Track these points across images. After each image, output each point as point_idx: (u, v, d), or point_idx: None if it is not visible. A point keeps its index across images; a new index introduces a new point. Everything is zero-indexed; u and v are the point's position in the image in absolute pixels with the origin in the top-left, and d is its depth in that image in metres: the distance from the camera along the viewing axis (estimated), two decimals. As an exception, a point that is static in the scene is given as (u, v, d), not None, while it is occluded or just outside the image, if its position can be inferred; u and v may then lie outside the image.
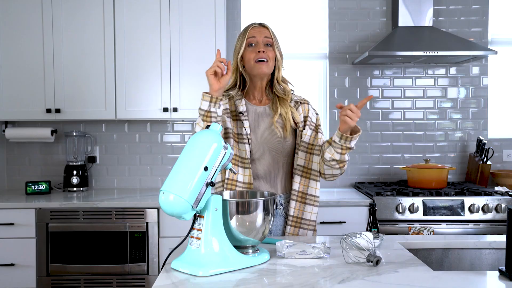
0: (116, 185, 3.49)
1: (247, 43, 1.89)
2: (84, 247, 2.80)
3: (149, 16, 3.10)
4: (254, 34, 1.89)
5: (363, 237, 1.55)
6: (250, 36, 1.89)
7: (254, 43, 1.88)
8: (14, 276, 2.79)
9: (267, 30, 1.90)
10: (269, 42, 1.89)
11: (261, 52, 1.85)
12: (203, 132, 1.47)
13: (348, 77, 3.48)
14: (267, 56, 1.86)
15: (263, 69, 1.86)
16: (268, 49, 1.88)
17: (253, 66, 1.87)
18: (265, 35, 1.89)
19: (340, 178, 3.48)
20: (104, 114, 3.13)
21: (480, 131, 3.49)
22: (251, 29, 1.90)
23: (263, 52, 1.85)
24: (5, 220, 2.79)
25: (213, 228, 1.40)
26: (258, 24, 1.92)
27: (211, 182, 1.40)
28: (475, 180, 3.32)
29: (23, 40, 3.10)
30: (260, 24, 1.93)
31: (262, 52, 1.85)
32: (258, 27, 1.91)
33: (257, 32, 1.89)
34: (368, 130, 3.49)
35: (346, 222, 2.83)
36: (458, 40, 3.11)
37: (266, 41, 1.88)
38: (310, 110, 1.96)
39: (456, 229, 2.81)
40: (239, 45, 1.91)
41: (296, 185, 1.90)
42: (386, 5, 3.45)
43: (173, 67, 3.11)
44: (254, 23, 1.94)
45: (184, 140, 3.49)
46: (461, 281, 1.31)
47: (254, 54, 1.86)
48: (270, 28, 1.93)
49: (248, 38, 1.89)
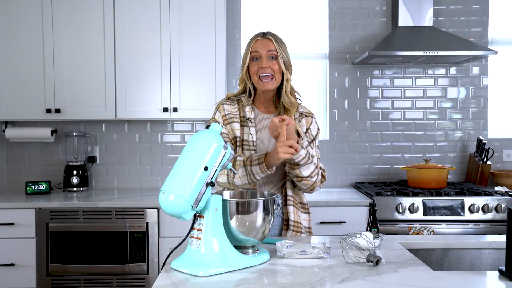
0: (116, 185, 3.49)
1: (251, 57, 1.89)
2: (84, 247, 2.80)
3: (149, 16, 3.10)
4: (257, 48, 1.87)
5: (363, 237, 1.55)
6: (254, 50, 1.88)
7: (257, 57, 1.88)
8: (14, 276, 2.79)
9: (270, 42, 1.88)
10: (273, 55, 1.87)
11: (264, 67, 1.85)
12: (203, 132, 1.47)
13: (348, 77, 3.48)
14: (271, 71, 1.86)
15: (266, 86, 1.87)
16: (273, 62, 1.87)
17: (258, 82, 1.88)
18: (268, 49, 1.87)
19: (340, 178, 3.49)
20: (104, 114, 3.13)
21: (480, 131, 3.49)
22: (255, 43, 1.89)
23: (266, 68, 1.85)
24: (5, 220, 2.79)
25: (213, 228, 1.40)
26: (262, 36, 1.90)
27: (211, 182, 1.40)
28: (475, 180, 3.32)
29: (23, 40, 3.10)
30: (264, 35, 1.90)
31: (265, 67, 1.85)
32: (262, 39, 1.89)
33: (260, 46, 1.87)
34: (368, 130, 3.49)
35: (346, 222, 2.83)
36: (458, 40, 3.11)
37: (270, 55, 1.87)
38: (312, 123, 1.97)
39: (456, 229, 2.81)
40: (245, 58, 1.91)
41: (289, 191, 1.92)
42: (386, 5, 3.45)
43: (173, 67, 3.11)
44: (258, 34, 1.91)
45: (184, 140, 3.49)
46: (461, 281, 1.31)
47: (257, 68, 1.86)
48: (276, 37, 1.90)
49: (252, 52, 1.88)
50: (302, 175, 1.81)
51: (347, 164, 3.49)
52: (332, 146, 3.48)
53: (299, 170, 1.80)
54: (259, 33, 1.92)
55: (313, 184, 1.86)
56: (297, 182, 1.86)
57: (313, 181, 1.85)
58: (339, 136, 3.48)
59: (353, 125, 3.48)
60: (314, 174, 1.84)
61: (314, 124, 1.98)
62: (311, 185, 1.86)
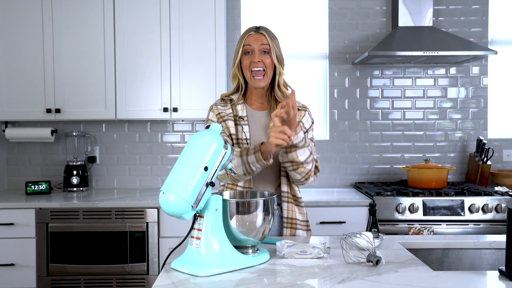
0: (116, 185, 3.49)
1: (243, 51, 1.89)
2: (84, 247, 2.80)
3: (149, 16, 3.10)
4: (250, 42, 1.88)
5: (363, 237, 1.55)
6: (246, 44, 1.88)
7: (250, 51, 1.88)
8: (14, 276, 2.79)
9: (263, 36, 1.88)
10: (265, 50, 1.88)
11: (257, 62, 1.85)
12: (203, 132, 1.47)
13: (348, 77, 3.48)
14: (263, 65, 1.87)
15: (258, 84, 1.88)
16: (265, 56, 1.87)
17: (250, 78, 1.89)
18: (261, 42, 1.87)
19: (340, 178, 3.49)
20: (104, 114, 3.13)
21: (480, 131, 3.49)
22: (247, 37, 1.89)
23: (258, 62, 1.85)
24: (5, 220, 2.79)
25: (213, 228, 1.40)
26: (255, 30, 1.90)
27: (211, 182, 1.40)
28: (475, 180, 3.32)
29: (23, 40, 3.10)
30: (257, 29, 1.90)
31: (258, 62, 1.85)
32: (255, 34, 1.89)
33: (253, 40, 1.88)
34: (368, 130, 3.49)
35: (346, 222, 2.83)
36: (458, 40, 3.11)
37: (262, 49, 1.87)
38: (305, 116, 1.96)
39: (456, 229, 2.81)
40: (237, 52, 1.91)
41: (284, 187, 1.92)
42: (386, 5, 3.45)
43: (173, 67, 3.11)
44: (251, 28, 1.92)
45: (184, 140, 3.49)
46: (461, 281, 1.31)
47: (249, 62, 1.87)
48: (269, 32, 1.91)
49: (244, 45, 1.89)
50: (298, 159, 1.77)
51: (347, 164, 3.49)
52: (332, 146, 3.48)
53: (296, 153, 1.76)
54: (252, 27, 1.92)
55: (308, 173, 1.83)
56: (292, 171, 1.82)
57: (308, 169, 1.82)
58: (339, 136, 3.48)
59: (353, 125, 3.48)
60: (309, 160, 1.81)
61: (308, 117, 1.97)
62: (306, 173, 1.82)
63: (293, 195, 1.95)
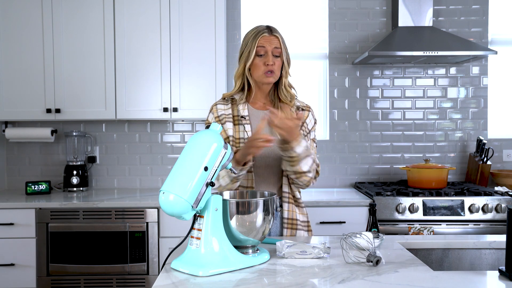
0: (116, 185, 3.49)
1: (257, 52, 1.87)
2: (84, 247, 2.80)
3: (149, 16, 3.10)
4: (264, 43, 1.86)
5: (363, 237, 1.55)
6: (260, 45, 1.86)
7: (263, 53, 1.87)
8: (14, 276, 2.79)
9: (277, 40, 1.87)
10: (277, 53, 1.87)
11: (271, 65, 1.85)
12: (203, 132, 1.47)
13: (348, 77, 3.48)
14: (274, 68, 1.87)
15: (270, 80, 1.89)
16: (276, 59, 1.87)
17: (261, 76, 1.88)
18: (275, 45, 1.86)
19: (340, 178, 3.49)
20: (104, 114, 3.13)
21: (480, 131, 3.49)
22: (261, 38, 1.86)
23: (272, 65, 1.86)
24: (5, 220, 2.79)
25: (213, 228, 1.40)
26: (269, 32, 1.87)
27: (211, 182, 1.40)
28: (475, 180, 3.32)
29: (23, 40, 3.10)
30: (271, 31, 1.88)
31: (272, 65, 1.85)
32: (269, 36, 1.87)
33: (267, 42, 1.86)
34: (368, 130, 3.49)
35: (346, 222, 2.83)
36: (458, 40, 3.11)
37: (275, 52, 1.87)
38: (309, 116, 1.97)
39: (456, 229, 2.81)
40: (248, 52, 1.87)
41: (286, 188, 1.92)
42: (386, 5, 3.45)
43: (173, 67, 3.11)
44: (263, 29, 1.88)
45: (184, 140, 3.49)
46: (461, 281, 1.31)
47: (263, 65, 1.86)
48: (280, 35, 1.90)
49: (258, 47, 1.86)
50: (302, 170, 1.79)
51: (347, 164, 3.49)
52: (332, 146, 3.48)
53: (300, 165, 1.77)
54: (263, 28, 1.89)
55: (309, 180, 1.86)
56: (295, 179, 1.85)
57: (310, 177, 1.85)
58: (339, 136, 3.48)
59: (353, 125, 3.48)
60: (312, 168, 1.83)
61: (311, 118, 1.98)
62: (308, 180, 1.86)
63: (293, 195, 1.95)
